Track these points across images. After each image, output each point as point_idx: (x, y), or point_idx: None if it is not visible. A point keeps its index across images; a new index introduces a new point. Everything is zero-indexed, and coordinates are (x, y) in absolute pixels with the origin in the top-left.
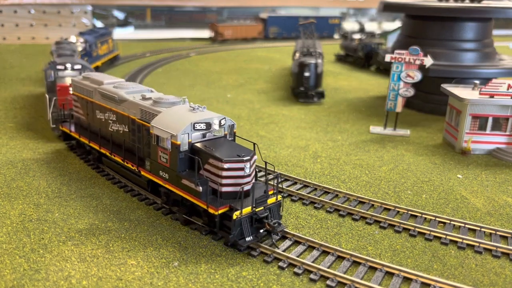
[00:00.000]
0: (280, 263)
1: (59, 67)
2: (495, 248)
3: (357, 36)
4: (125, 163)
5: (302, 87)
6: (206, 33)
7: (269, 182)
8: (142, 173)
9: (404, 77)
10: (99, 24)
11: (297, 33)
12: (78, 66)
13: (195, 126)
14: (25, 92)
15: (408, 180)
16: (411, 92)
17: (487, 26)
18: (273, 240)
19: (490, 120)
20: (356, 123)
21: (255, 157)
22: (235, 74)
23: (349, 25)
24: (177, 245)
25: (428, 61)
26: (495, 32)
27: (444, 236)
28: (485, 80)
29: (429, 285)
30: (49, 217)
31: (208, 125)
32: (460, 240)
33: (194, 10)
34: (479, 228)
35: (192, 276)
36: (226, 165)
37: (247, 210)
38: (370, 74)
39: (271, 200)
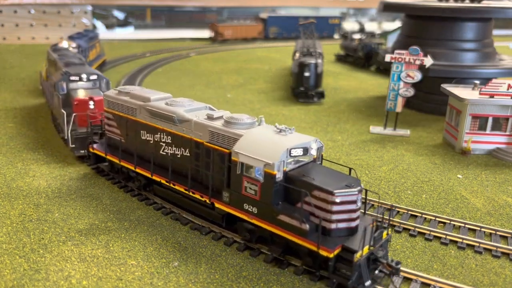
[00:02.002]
0: (280, 263)
1: (73, 78)
2: (495, 248)
3: (357, 36)
4: (191, 194)
5: (302, 87)
6: (206, 33)
7: (369, 212)
8: (217, 205)
9: (404, 77)
10: (99, 24)
11: (297, 33)
12: (94, 77)
13: (291, 152)
14: (25, 92)
15: (408, 180)
16: (411, 92)
17: (487, 26)
18: (396, 285)
19: (490, 120)
20: (356, 123)
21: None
22: (235, 74)
23: (349, 25)
24: (177, 245)
25: (428, 61)
26: (495, 32)
27: (444, 236)
28: (485, 80)
29: (429, 285)
30: (49, 217)
31: (305, 151)
32: (460, 240)
33: (194, 10)
34: (479, 228)
35: (192, 276)
36: (338, 199)
37: (365, 250)
38: (370, 74)
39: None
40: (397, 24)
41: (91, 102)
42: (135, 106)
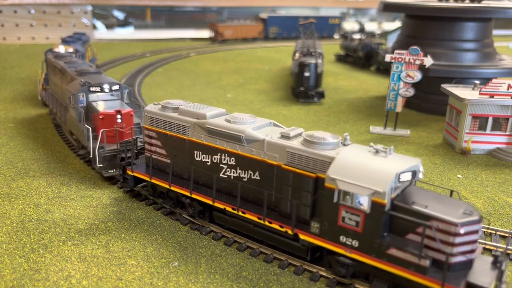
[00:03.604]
0: (280, 263)
1: (93, 89)
2: (495, 248)
3: (357, 36)
4: (267, 223)
5: (302, 87)
6: (206, 33)
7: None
8: (303, 237)
9: (404, 77)
10: (99, 24)
11: (297, 33)
12: (116, 87)
13: (400, 177)
14: (25, 92)
15: None
16: (411, 92)
17: (487, 26)
18: None
19: (490, 120)
20: (356, 123)
21: None
22: (235, 74)
23: (349, 25)
24: (177, 245)
25: (428, 61)
26: (495, 32)
27: None
28: (485, 80)
29: None
30: (49, 217)
31: (414, 175)
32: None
33: (194, 10)
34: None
35: (192, 276)
36: (462, 230)
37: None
38: (370, 74)
39: None
40: (397, 24)
41: (119, 116)
42: (187, 124)
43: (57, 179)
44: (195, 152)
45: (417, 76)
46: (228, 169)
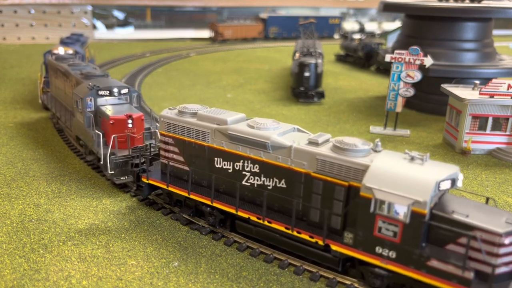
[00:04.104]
0: (280, 263)
1: (102, 92)
2: None
3: (357, 36)
4: (295, 233)
5: (302, 87)
6: (206, 33)
7: None
8: (334, 248)
9: (404, 77)
10: (99, 24)
11: (297, 33)
12: (125, 90)
13: (440, 186)
14: (25, 92)
15: None
16: (411, 92)
17: (487, 26)
18: None
19: (490, 120)
20: (356, 123)
21: None
22: (235, 74)
23: (349, 25)
24: (177, 245)
25: (428, 61)
26: (495, 32)
27: None
28: (485, 80)
29: None
30: (49, 217)
31: (453, 183)
32: None
33: (194, 10)
34: None
35: (192, 276)
36: (507, 240)
37: None
38: (370, 74)
39: None
40: (397, 24)
41: (130, 121)
42: (206, 130)
43: (57, 179)
44: (216, 159)
45: (417, 76)
46: (251, 177)
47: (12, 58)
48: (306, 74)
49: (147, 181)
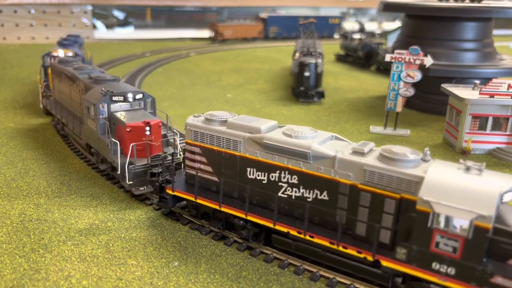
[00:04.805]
0: (280, 263)
1: (116, 98)
2: None
3: (357, 36)
4: (341, 249)
5: (302, 87)
6: (206, 33)
7: None
8: (386, 264)
9: (404, 77)
10: (99, 24)
11: (297, 33)
12: (139, 95)
13: (503, 198)
14: (25, 92)
15: None
16: (411, 92)
17: (487, 26)
18: None
19: (490, 120)
20: (356, 123)
21: None
22: (235, 74)
23: (349, 24)
24: (177, 245)
25: (428, 61)
26: (495, 32)
27: None
28: (485, 80)
29: None
30: (49, 217)
31: None
32: None
33: (194, 10)
34: None
35: (192, 276)
36: None
37: None
38: (370, 74)
39: None
40: (397, 24)
41: (147, 128)
42: (238, 139)
43: (57, 179)
44: (248, 169)
45: (417, 76)
46: (288, 188)
47: (12, 58)
48: (306, 74)
49: (172, 193)
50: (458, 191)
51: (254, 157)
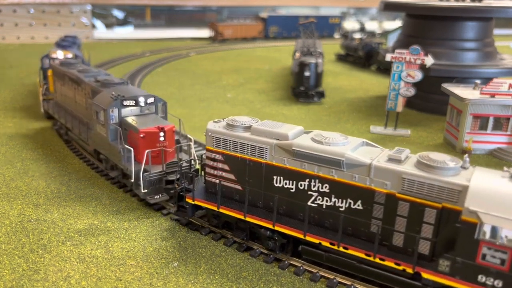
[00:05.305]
0: (281, 264)
1: (127, 102)
2: None
3: (357, 36)
4: (377, 260)
5: (302, 87)
6: (206, 33)
7: None
8: (427, 276)
9: (405, 77)
10: (98, 23)
11: (297, 32)
12: (151, 100)
13: None
14: (25, 92)
15: None
16: (411, 91)
17: (488, 25)
18: None
19: (491, 120)
20: (356, 123)
21: None
22: (235, 73)
23: (350, 24)
24: (176, 246)
25: (429, 61)
26: (496, 31)
27: None
28: (486, 80)
29: None
30: (48, 217)
31: None
32: None
33: (194, 10)
34: None
35: (191, 276)
36: None
37: None
38: (370, 74)
39: None
40: (398, 23)
41: (161, 133)
42: (264, 145)
43: (56, 179)
44: (275, 177)
45: (418, 75)
46: (319, 197)
47: (11, 57)
48: (306, 73)
49: (193, 202)
50: (506, 200)
51: (281, 164)
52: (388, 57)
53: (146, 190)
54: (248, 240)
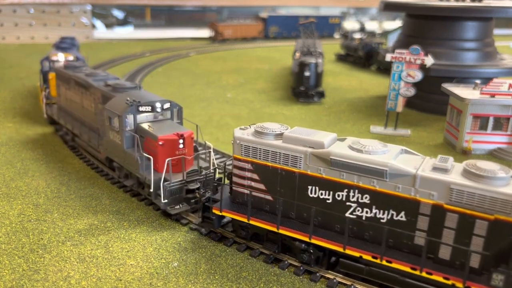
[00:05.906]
0: (281, 264)
1: (143, 108)
2: None
3: (357, 36)
4: (424, 274)
5: (302, 87)
6: (206, 33)
7: None
8: None
9: (405, 77)
10: (98, 23)
11: (297, 32)
12: (167, 105)
13: None
14: (25, 92)
15: None
16: (411, 91)
17: (488, 25)
18: None
19: (491, 120)
20: (356, 123)
21: None
22: (235, 73)
23: (350, 24)
24: (176, 246)
25: (429, 61)
26: (496, 31)
27: None
28: (486, 80)
29: None
30: (48, 217)
31: None
32: None
33: (194, 10)
34: None
35: (191, 276)
36: None
37: None
38: (370, 74)
39: None
40: (398, 23)
41: (181, 141)
42: (298, 154)
43: (56, 179)
44: (309, 187)
45: (418, 75)
46: (358, 208)
47: (11, 57)
48: (306, 73)
49: (220, 213)
50: None
51: (317, 174)
52: (388, 57)
53: (166, 200)
54: (279, 252)
